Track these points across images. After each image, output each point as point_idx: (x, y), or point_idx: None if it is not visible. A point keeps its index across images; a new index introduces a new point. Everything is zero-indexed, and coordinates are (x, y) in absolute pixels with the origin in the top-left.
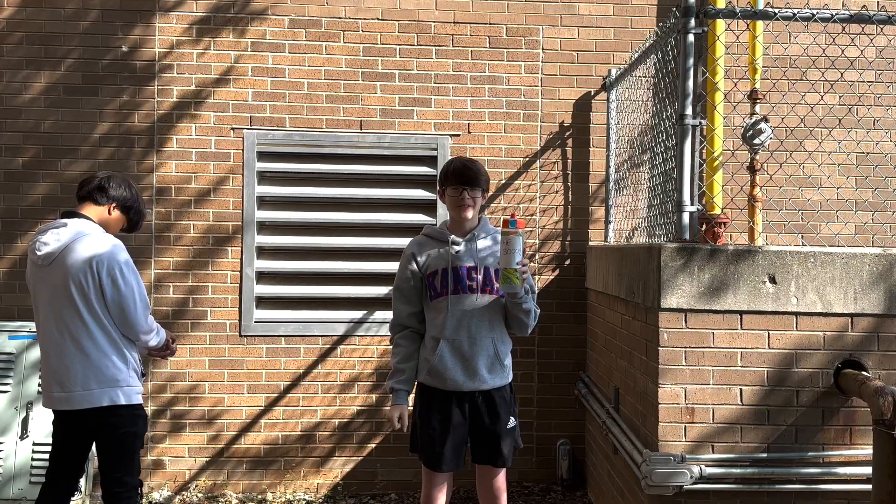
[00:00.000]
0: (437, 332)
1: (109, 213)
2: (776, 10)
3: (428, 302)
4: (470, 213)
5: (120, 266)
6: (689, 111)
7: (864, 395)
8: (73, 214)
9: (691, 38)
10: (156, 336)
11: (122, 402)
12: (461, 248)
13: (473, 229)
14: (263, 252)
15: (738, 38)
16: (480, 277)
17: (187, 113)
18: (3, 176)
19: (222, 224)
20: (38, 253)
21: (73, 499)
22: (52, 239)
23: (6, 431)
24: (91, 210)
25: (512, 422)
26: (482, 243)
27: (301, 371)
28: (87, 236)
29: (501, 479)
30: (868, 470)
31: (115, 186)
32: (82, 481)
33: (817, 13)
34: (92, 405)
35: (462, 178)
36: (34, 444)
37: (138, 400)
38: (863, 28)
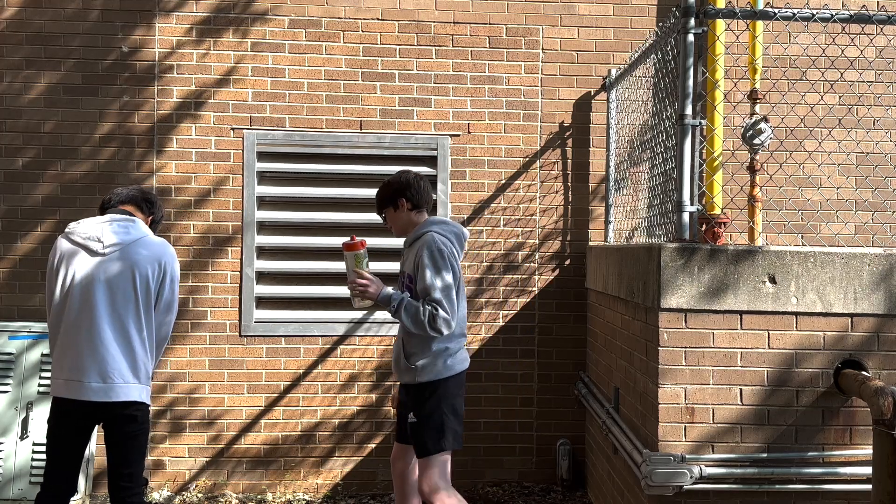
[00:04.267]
0: None
1: (146, 224)
2: (776, 10)
3: None
4: (395, 232)
5: (176, 272)
6: (688, 111)
7: (864, 395)
8: (126, 212)
9: (691, 37)
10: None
11: (145, 399)
12: (403, 252)
13: (410, 236)
14: (263, 252)
15: (738, 38)
16: (405, 280)
17: (187, 113)
18: (3, 177)
19: (222, 224)
20: (104, 242)
21: (72, 498)
22: (118, 230)
23: (6, 432)
24: (137, 214)
25: (412, 418)
26: (407, 249)
27: (301, 371)
28: (150, 236)
29: (425, 473)
30: (868, 470)
31: (159, 206)
32: (81, 481)
33: (817, 13)
34: (129, 398)
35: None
36: (34, 444)
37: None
38: (863, 28)
